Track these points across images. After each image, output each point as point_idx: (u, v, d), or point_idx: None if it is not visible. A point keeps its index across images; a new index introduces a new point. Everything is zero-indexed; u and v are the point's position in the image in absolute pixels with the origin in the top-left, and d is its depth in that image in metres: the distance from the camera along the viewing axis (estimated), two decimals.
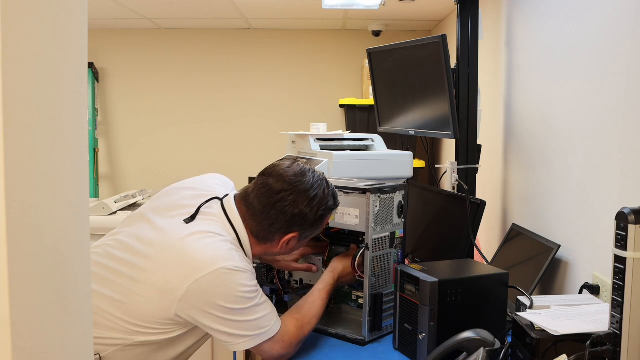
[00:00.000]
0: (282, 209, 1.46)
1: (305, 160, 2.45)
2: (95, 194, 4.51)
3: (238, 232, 1.48)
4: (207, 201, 1.49)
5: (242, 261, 1.41)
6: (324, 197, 1.50)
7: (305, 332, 1.53)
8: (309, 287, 1.78)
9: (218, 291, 1.35)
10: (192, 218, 1.45)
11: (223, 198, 1.52)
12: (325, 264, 1.71)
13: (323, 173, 1.56)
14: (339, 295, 1.79)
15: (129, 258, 1.40)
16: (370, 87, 3.34)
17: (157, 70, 4.61)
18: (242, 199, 1.51)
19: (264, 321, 1.42)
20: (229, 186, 1.62)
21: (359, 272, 1.68)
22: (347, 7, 3.43)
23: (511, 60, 2.35)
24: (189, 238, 1.40)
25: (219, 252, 1.38)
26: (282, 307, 1.77)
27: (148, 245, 1.41)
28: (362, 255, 1.59)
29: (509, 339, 1.41)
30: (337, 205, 1.57)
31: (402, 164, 2.50)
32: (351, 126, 4.05)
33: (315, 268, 1.75)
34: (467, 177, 2.29)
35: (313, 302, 1.57)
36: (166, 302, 1.35)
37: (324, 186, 1.51)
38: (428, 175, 3.79)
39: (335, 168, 2.34)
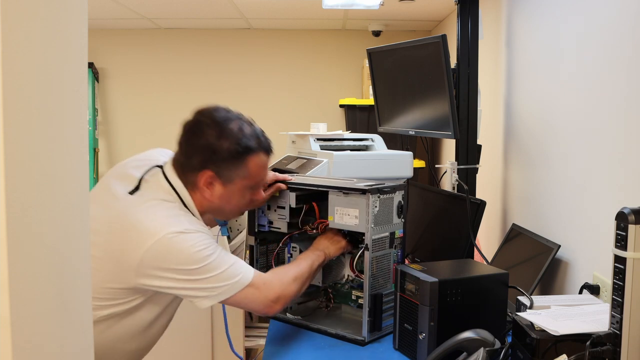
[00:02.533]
0: (195, 141, 1.47)
1: (305, 160, 2.45)
2: None
3: (180, 194, 1.48)
4: (147, 170, 1.51)
5: (192, 224, 1.43)
6: (241, 134, 1.46)
7: (290, 287, 1.49)
8: (310, 286, 1.78)
9: (171, 256, 1.37)
10: (136, 189, 1.47)
11: (164, 166, 1.53)
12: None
13: (251, 118, 1.54)
14: (339, 295, 1.79)
15: None
16: (370, 87, 3.34)
17: (157, 70, 4.61)
18: (175, 153, 1.54)
19: (233, 270, 1.42)
20: None
21: (357, 272, 1.69)
22: (347, 7, 3.43)
23: (511, 60, 2.35)
24: (135, 208, 1.42)
25: (166, 217, 1.41)
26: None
27: (96, 221, 1.42)
28: (361, 255, 1.59)
29: (509, 339, 1.41)
30: (264, 150, 1.51)
31: (402, 164, 2.50)
32: (351, 126, 4.05)
33: (283, 186, 1.70)
34: (467, 177, 2.29)
35: (297, 264, 1.56)
36: (125, 272, 1.38)
37: (245, 125, 1.48)
38: (428, 175, 3.79)
39: (335, 168, 2.34)
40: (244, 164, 1.48)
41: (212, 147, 1.45)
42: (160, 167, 1.52)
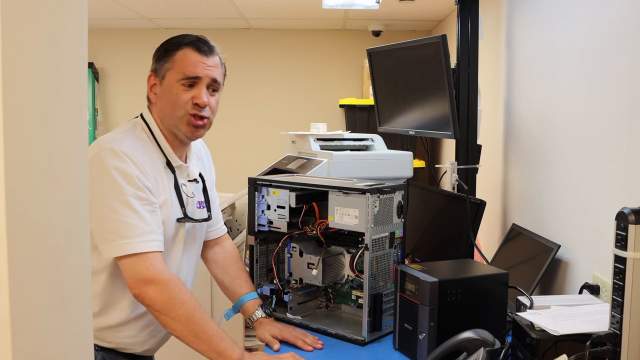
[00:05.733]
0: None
1: (305, 160, 2.45)
2: None
3: (147, 120, 1.59)
4: (133, 117, 1.64)
5: (136, 151, 1.47)
6: (176, 36, 1.60)
7: (177, 299, 1.41)
8: (310, 286, 1.78)
9: (95, 170, 1.41)
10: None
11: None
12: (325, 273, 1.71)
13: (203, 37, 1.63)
14: (339, 295, 1.79)
15: None
16: (370, 87, 3.34)
17: None
18: None
19: (129, 229, 1.41)
20: None
21: (357, 272, 1.68)
22: (347, 7, 3.43)
23: (511, 60, 2.35)
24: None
25: (113, 136, 1.50)
26: (282, 307, 1.77)
27: None
28: (361, 255, 1.59)
29: (509, 339, 1.41)
30: (192, 46, 1.57)
31: (402, 164, 2.50)
32: (351, 126, 4.06)
33: (277, 347, 1.57)
34: (467, 177, 2.29)
35: (211, 325, 1.43)
36: None
37: (186, 35, 1.60)
38: (428, 175, 3.79)
39: (335, 168, 2.34)
40: (171, 58, 1.57)
41: (156, 56, 1.60)
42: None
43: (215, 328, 1.44)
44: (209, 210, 1.68)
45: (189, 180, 1.64)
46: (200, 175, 1.69)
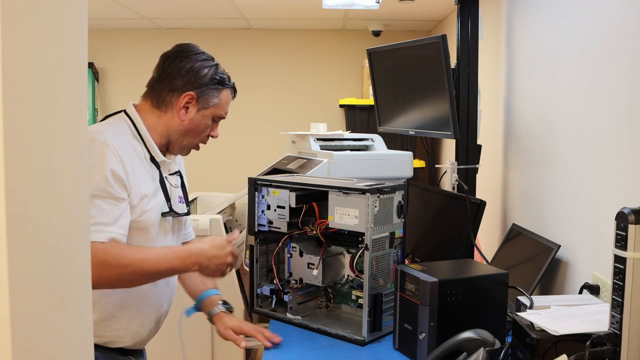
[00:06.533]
0: (178, 65, 1.60)
1: (305, 160, 2.45)
2: None
3: (132, 117, 1.59)
4: (113, 113, 1.63)
5: (117, 144, 1.47)
6: (218, 68, 1.64)
7: (113, 270, 1.40)
8: (310, 286, 1.78)
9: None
10: (102, 121, 1.62)
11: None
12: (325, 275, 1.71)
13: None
14: (339, 295, 1.79)
15: None
16: (370, 87, 3.34)
17: None
18: (148, 87, 1.67)
19: (96, 218, 1.40)
20: None
21: (357, 272, 1.69)
22: (347, 7, 3.43)
23: (511, 60, 2.35)
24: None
25: (96, 128, 1.52)
26: (282, 307, 1.78)
27: None
28: (361, 255, 1.59)
29: (509, 339, 1.41)
30: (233, 88, 1.69)
31: (402, 164, 2.50)
32: (351, 126, 4.06)
33: (243, 344, 1.62)
34: (467, 177, 2.29)
35: (160, 262, 1.48)
36: None
37: (217, 63, 1.66)
38: (428, 175, 3.80)
39: (335, 168, 2.34)
40: (219, 94, 1.63)
41: (196, 70, 1.59)
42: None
43: (163, 263, 1.48)
44: (187, 205, 1.70)
45: (170, 174, 1.67)
46: (178, 170, 1.73)
